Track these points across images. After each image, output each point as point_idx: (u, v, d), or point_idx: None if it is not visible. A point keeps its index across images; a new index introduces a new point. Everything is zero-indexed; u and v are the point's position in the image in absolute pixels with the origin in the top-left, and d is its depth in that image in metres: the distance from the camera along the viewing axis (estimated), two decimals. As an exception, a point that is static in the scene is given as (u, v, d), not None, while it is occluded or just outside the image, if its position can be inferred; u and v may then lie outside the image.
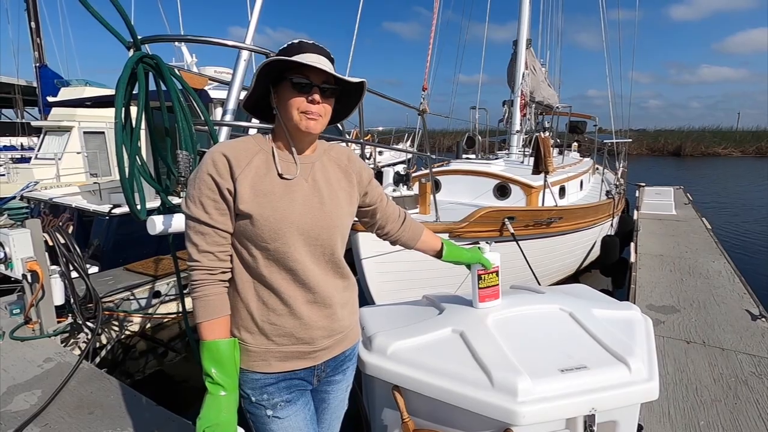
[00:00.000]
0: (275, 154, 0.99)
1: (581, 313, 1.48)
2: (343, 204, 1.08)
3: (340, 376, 1.14)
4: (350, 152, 1.17)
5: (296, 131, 0.97)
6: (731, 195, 12.99)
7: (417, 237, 1.33)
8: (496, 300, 1.48)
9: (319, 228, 1.00)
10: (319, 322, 1.02)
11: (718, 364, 2.64)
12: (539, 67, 7.03)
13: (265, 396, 1.01)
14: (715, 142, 34.00)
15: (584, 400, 1.16)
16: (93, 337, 3.06)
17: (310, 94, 0.94)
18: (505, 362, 1.23)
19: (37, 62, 11.44)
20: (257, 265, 0.97)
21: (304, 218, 0.98)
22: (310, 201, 1.00)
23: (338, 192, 1.07)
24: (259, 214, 0.94)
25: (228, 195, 0.93)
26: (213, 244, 0.94)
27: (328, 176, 1.06)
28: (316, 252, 1.01)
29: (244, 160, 0.95)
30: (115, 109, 1.29)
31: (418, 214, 3.48)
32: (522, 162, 5.80)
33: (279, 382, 1.02)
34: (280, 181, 0.97)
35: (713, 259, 4.80)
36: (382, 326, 1.50)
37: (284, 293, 0.98)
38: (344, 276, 1.10)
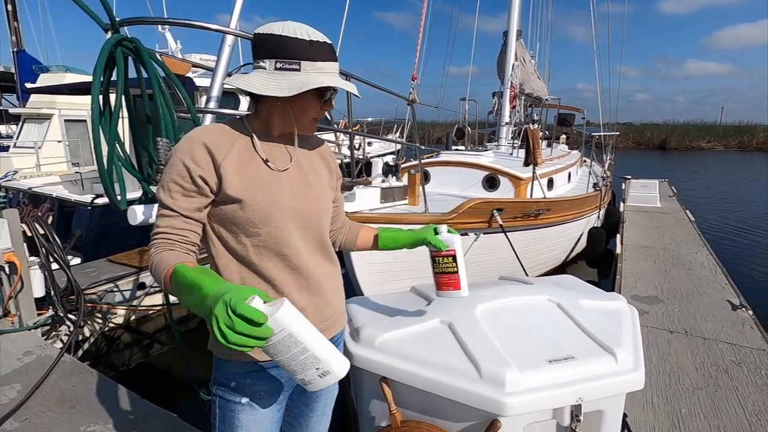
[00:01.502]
0: (256, 140, 0.96)
1: (569, 304, 1.49)
2: (327, 188, 1.08)
3: None
4: (326, 142, 1.17)
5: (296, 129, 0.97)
6: (714, 188, 13.24)
7: (356, 235, 1.29)
8: (457, 291, 1.25)
9: (309, 211, 0.99)
10: (311, 308, 1.01)
11: (700, 353, 2.69)
12: (529, 59, 7.03)
13: (248, 381, 0.98)
14: (699, 136, 34.58)
15: (571, 390, 1.16)
16: (75, 329, 2.99)
17: (326, 103, 0.95)
18: (494, 353, 1.23)
19: (15, 47, 11.05)
20: (247, 252, 0.94)
21: (294, 201, 0.97)
22: (297, 184, 0.99)
23: (321, 177, 1.07)
24: (250, 199, 0.91)
25: (202, 183, 0.90)
26: (176, 228, 0.90)
27: (310, 161, 1.06)
28: (307, 236, 1.00)
29: (225, 146, 0.92)
30: (92, 94, 1.24)
31: (407, 206, 3.46)
32: (511, 154, 5.81)
33: (264, 370, 0.99)
34: (265, 166, 0.95)
35: (696, 251, 4.89)
36: (369, 318, 1.49)
37: (276, 280, 0.96)
38: (333, 261, 1.09)
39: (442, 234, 1.26)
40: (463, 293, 1.26)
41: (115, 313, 3.85)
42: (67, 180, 6.64)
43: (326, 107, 0.95)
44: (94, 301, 3.62)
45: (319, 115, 0.96)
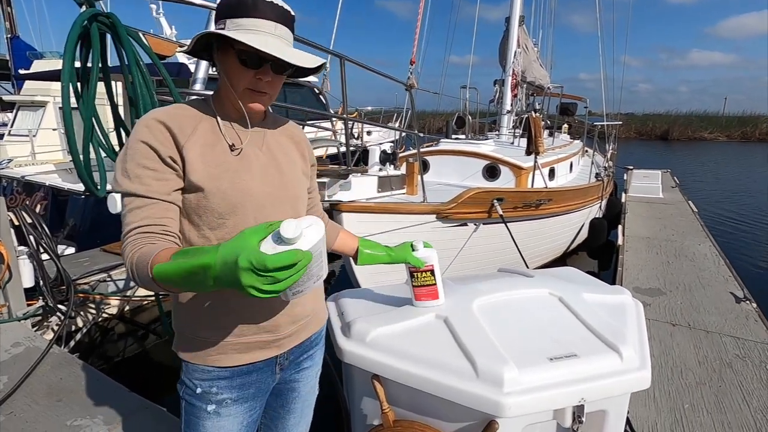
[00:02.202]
0: (220, 122, 0.87)
1: (571, 298, 1.41)
2: (300, 175, 0.98)
3: (308, 362, 1.06)
4: (298, 126, 1.06)
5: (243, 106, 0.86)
6: (717, 179, 13.13)
7: (335, 236, 1.20)
8: (435, 300, 1.33)
9: (281, 199, 0.90)
10: (282, 308, 0.93)
11: (703, 346, 2.64)
12: (531, 46, 6.88)
13: (214, 389, 0.91)
14: (701, 127, 34.31)
15: (573, 390, 1.09)
16: (65, 320, 2.93)
17: (260, 71, 0.81)
18: (491, 350, 1.16)
19: (9, 33, 10.87)
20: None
21: (264, 189, 0.87)
22: (267, 171, 0.90)
23: (294, 163, 0.97)
24: (215, 187, 0.82)
25: (172, 163, 0.80)
26: (154, 218, 0.78)
27: (281, 145, 0.96)
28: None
29: (187, 128, 0.83)
30: (62, 74, 1.15)
31: (405, 195, 3.38)
32: (512, 143, 5.71)
33: (234, 377, 0.92)
34: (232, 151, 0.86)
35: (699, 242, 4.82)
36: (362, 312, 1.42)
37: None
38: None
39: (419, 251, 1.28)
40: (440, 301, 1.34)
41: (108, 303, 3.79)
42: (62, 168, 6.54)
43: (261, 75, 0.80)
44: (87, 292, 3.56)
45: (254, 85, 0.81)
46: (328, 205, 2.58)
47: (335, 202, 2.54)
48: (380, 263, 1.24)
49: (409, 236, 2.92)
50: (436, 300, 1.34)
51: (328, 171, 2.61)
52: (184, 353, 0.91)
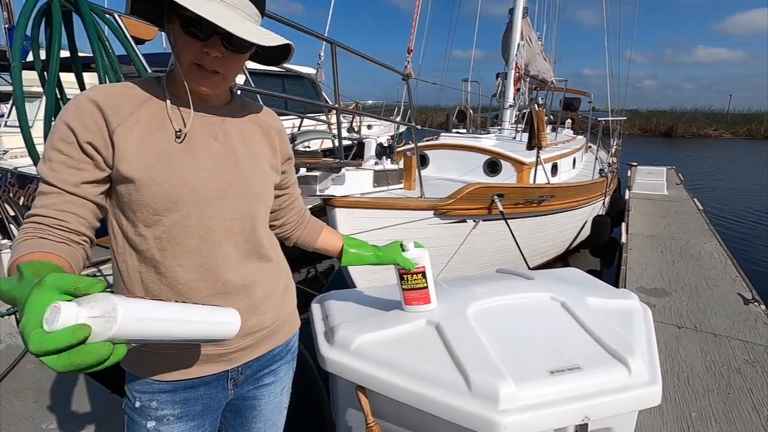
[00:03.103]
0: (168, 105, 0.75)
1: (575, 303, 1.31)
2: (266, 170, 0.85)
3: (270, 377, 0.94)
4: (274, 114, 0.93)
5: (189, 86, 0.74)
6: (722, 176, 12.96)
7: (317, 234, 1.09)
8: (426, 305, 1.23)
9: (234, 195, 0.78)
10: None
11: (711, 351, 2.53)
12: (535, 39, 6.72)
13: (153, 404, 0.81)
14: (706, 124, 33.97)
15: (576, 407, 0.99)
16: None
17: (208, 42, 0.69)
18: (486, 362, 1.06)
19: (7, 23, 10.74)
20: (147, 247, 0.74)
21: (212, 183, 0.76)
22: (220, 163, 0.78)
23: (259, 155, 0.84)
24: (150, 179, 0.71)
25: (92, 151, 0.69)
26: (53, 208, 0.68)
27: (244, 135, 0.83)
28: (232, 228, 0.79)
29: (125, 109, 0.71)
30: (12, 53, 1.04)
31: (402, 190, 3.27)
32: (514, 138, 5.58)
33: (176, 391, 0.82)
34: (178, 137, 0.74)
35: (705, 241, 4.70)
36: (348, 316, 1.31)
37: (182, 283, 0.76)
38: (268, 258, 0.87)
39: (410, 252, 1.17)
40: (432, 306, 1.24)
41: (98, 298, 3.71)
42: (57, 160, 6.44)
43: (208, 48, 0.69)
44: (75, 287, 3.47)
45: (200, 60, 0.70)
46: (320, 201, 2.47)
47: (328, 197, 2.43)
48: (367, 264, 1.14)
49: (405, 233, 2.82)
50: (428, 304, 1.24)
51: (320, 164, 2.50)
52: (124, 361, 0.81)
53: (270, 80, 6.46)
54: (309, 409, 1.04)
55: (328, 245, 1.12)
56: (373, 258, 1.13)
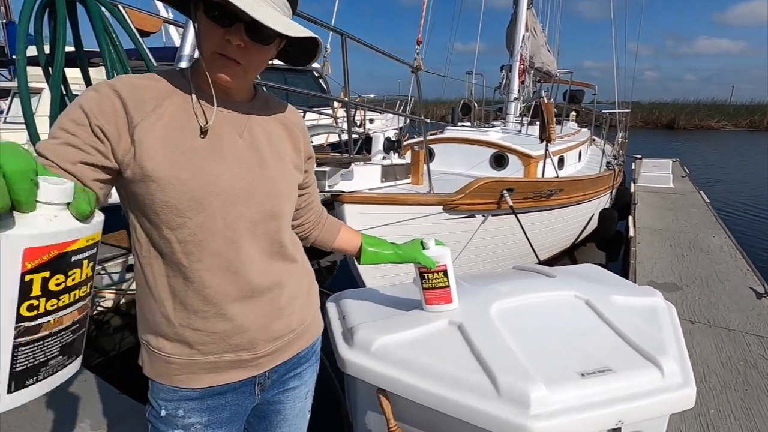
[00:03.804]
0: (194, 99, 0.71)
1: (599, 301, 1.27)
2: (290, 170, 0.81)
3: (295, 381, 0.91)
4: (296, 112, 0.89)
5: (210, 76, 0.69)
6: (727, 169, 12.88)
7: (335, 234, 1.05)
8: (448, 304, 1.20)
9: (260, 196, 0.75)
10: (258, 323, 0.78)
11: (725, 346, 2.49)
12: (540, 30, 6.64)
13: (180, 412, 0.77)
14: (709, 116, 33.79)
15: (610, 411, 0.95)
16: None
17: (230, 30, 0.65)
18: (514, 364, 1.02)
19: (4, 18, 10.65)
20: (171, 251, 0.70)
21: (236, 183, 0.72)
22: (246, 161, 0.74)
23: (283, 155, 0.81)
24: (174, 176, 0.66)
25: (103, 138, 0.64)
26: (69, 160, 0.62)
27: (269, 133, 0.79)
28: (256, 229, 0.75)
29: (149, 103, 0.67)
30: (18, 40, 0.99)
31: (410, 185, 3.23)
32: (519, 131, 5.52)
33: (204, 399, 0.78)
34: (202, 133, 0.70)
35: (713, 234, 4.66)
36: (366, 316, 1.28)
37: (209, 288, 0.72)
38: (293, 259, 0.84)
39: (431, 249, 1.13)
40: (454, 306, 1.21)
41: (104, 296, 3.68)
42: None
43: (230, 36, 0.65)
44: (80, 285, 3.44)
45: (222, 48, 0.66)
46: (328, 196, 2.43)
47: (336, 193, 2.39)
48: (386, 263, 1.10)
49: (414, 229, 2.78)
50: (449, 304, 1.20)
51: (328, 159, 2.46)
52: (148, 368, 0.78)
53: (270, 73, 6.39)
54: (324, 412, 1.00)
55: (347, 244, 1.07)
56: (393, 257, 1.09)
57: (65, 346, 0.48)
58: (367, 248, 1.07)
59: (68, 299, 0.47)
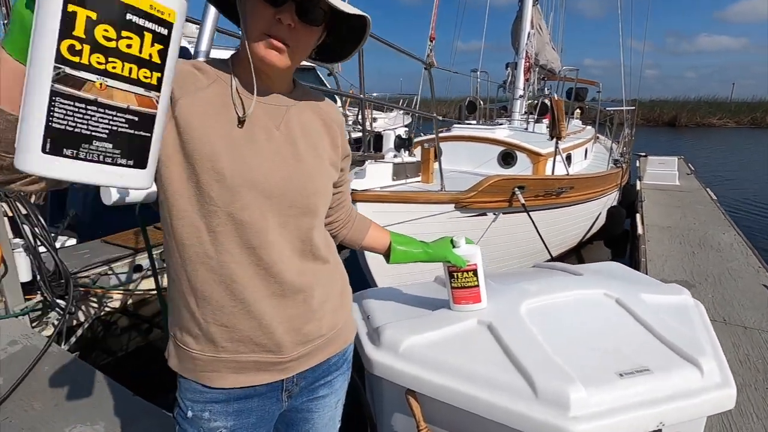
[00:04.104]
0: (234, 86, 0.69)
1: (630, 300, 1.24)
2: (326, 166, 0.79)
3: (325, 389, 0.87)
4: (335, 106, 0.86)
5: (256, 59, 0.67)
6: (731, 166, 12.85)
7: (364, 232, 1.02)
8: (477, 304, 1.18)
9: (294, 191, 0.72)
10: (287, 324, 0.75)
11: (743, 344, 2.47)
12: (545, 27, 6.60)
13: (206, 414, 0.75)
14: (710, 113, 33.75)
15: (651, 412, 0.93)
16: (63, 317, 2.79)
17: (281, 9, 0.63)
18: (550, 364, 0.99)
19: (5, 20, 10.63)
20: (200, 240, 0.68)
21: (272, 175, 0.70)
22: (281, 155, 0.72)
23: (320, 150, 0.78)
24: (209, 162, 0.65)
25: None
26: None
27: (306, 127, 0.77)
28: (288, 225, 0.73)
29: (192, 85, 0.66)
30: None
31: (420, 183, 3.20)
32: (526, 129, 5.49)
33: (230, 402, 0.76)
34: (239, 124, 0.68)
35: (723, 231, 4.62)
36: (390, 315, 1.25)
37: (238, 282, 0.70)
38: (325, 259, 0.81)
39: (462, 248, 1.12)
40: (482, 305, 1.20)
41: (111, 297, 3.65)
42: (62, 157, 6.37)
43: (281, 15, 0.63)
44: (87, 285, 3.42)
45: (271, 29, 0.64)
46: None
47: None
48: (416, 261, 1.07)
49: (426, 227, 2.75)
50: (478, 303, 1.18)
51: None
52: (174, 362, 0.77)
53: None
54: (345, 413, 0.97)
55: (376, 243, 1.05)
56: (423, 255, 1.07)
57: (115, 133, 0.42)
58: (397, 247, 1.04)
59: (120, 68, 0.41)
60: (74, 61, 0.39)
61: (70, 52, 0.38)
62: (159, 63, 0.43)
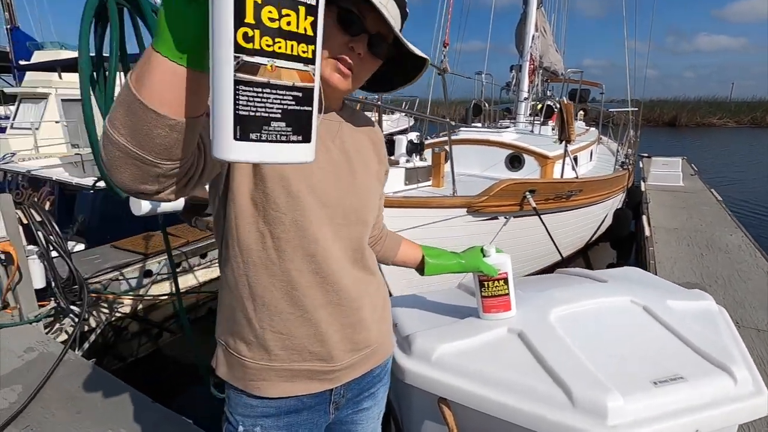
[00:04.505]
0: None
1: (656, 307, 1.25)
2: (374, 181, 0.83)
3: (369, 401, 0.89)
4: (376, 124, 0.90)
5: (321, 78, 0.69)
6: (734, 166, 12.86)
7: (396, 248, 1.04)
8: (507, 312, 1.19)
9: (349, 204, 0.75)
10: (341, 332, 0.77)
11: (757, 347, 2.47)
12: (549, 30, 6.62)
13: (257, 429, 0.76)
14: (710, 113, 33.78)
15: (687, 421, 0.93)
16: (79, 323, 2.80)
17: (356, 38, 0.67)
18: (584, 372, 1.00)
19: (9, 24, 10.66)
20: (263, 246, 0.70)
21: (329, 186, 0.72)
22: (337, 169, 0.75)
23: (369, 165, 0.81)
24: (276, 170, 0.67)
25: None
26: None
27: (357, 144, 0.80)
28: (342, 236, 0.75)
29: None
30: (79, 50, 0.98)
31: (431, 187, 3.21)
32: (532, 131, 5.51)
33: (281, 416, 0.77)
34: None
35: (730, 233, 4.63)
36: (418, 324, 1.26)
37: (297, 289, 0.72)
38: (374, 272, 0.84)
39: (492, 257, 1.13)
40: (512, 313, 1.20)
41: (122, 302, 3.66)
42: (68, 162, 6.38)
43: (355, 44, 0.66)
44: (99, 291, 3.43)
45: (343, 53, 0.67)
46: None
47: None
48: (449, 272, 1.08)
49: (438, 231, 2.76)
50: (508, 312, 1.19)
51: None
52: (223, 370, 0.78)
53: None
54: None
55: (408, 258, 1.06)
56: (457, 266, 1.08)
57: (287, 111, 0.44)
58: (430, 260, 1.05)
59: (284, 47, 0.43)
60: (249, 47, 0.40)
61: (244, 40, 0.40)
62: (312, 35, 0.45)
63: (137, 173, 0.48)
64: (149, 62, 0.43)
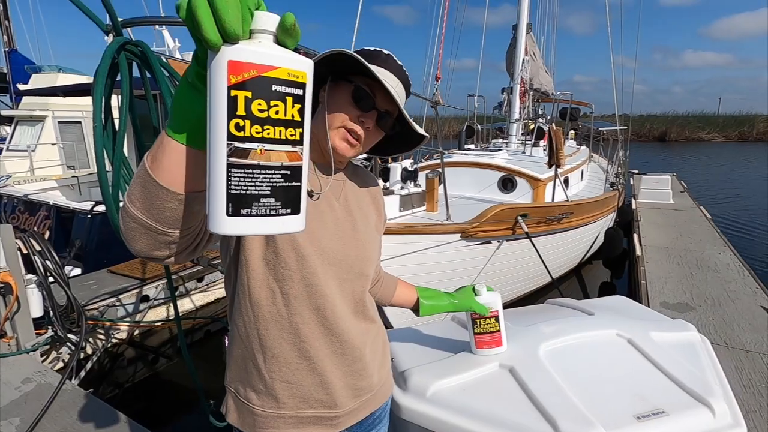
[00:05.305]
0: (311, 162, 0.79)
1: (641, 340, 1.31)
2: (374, 233, 0.89)
3: None
4: (374, 176, 0.99)
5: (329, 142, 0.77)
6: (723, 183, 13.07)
7: (393, 290, 1.10)
8: (498, 348, 1.24)
9: (352, 259, 0.81)
10: (344, 380, 0.82)
11: (745, 368, 2.53)
12: (539, 53, 6.82)
13: None
14: (699, 128, 34.46)
15: (669, 455, 0.98)
16: (76, 352, 2.81)
17: (366, 114, 0.76)
18: (570, 408, 1.05)
19: (7, 47, 10.76)
20: (273, 301, 0.75)
21: (335, 243, 0.79)
22: (342, 226, 0.81)
23: (369, 219, 0.88)
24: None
25: None
26: None
27: (359, 199, 0.87)
28: (345, 289, 0.81)
29: None
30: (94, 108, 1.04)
31: (425, 212, 3.28)
32: (523, 152, 5.63)
33: None
34: (310, 197, 0.77)
35: (719, 251, 4.73)
36: (414, 358, 1.31)
37: (305, 341, 0.77)
38: (374, 319, 0.91)
39: (484, 296, 1.19)
40: (503, 349, 1.25)
41: (118, 329, 3.66)
42: (64, 185, 6.41)
43: (365, 118, 0.75)
44: (96, 318, 3.43)
45: (353, 124, 0.75)
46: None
47: None
48: (443, 312, 1.14)
49: (432, 257, 2.82)
50: (499, 347, 1.24)
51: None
52: (233, 417, 0.82)
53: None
54: None
55: (404, 300, 1.12)
56: (450, 306, 1.14)
57: (276, 188, 0.49)
58: (424, 302, 1.11)
59: (273, 133, 0.47)
60: (240, 135, 0.46)
61: (236, 129, 0.46)
62: (300, 120, 0.50)
63: (151, 242, 0.54)
64: (161, 144, 0.50)
